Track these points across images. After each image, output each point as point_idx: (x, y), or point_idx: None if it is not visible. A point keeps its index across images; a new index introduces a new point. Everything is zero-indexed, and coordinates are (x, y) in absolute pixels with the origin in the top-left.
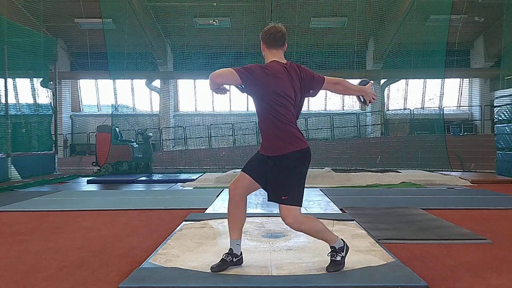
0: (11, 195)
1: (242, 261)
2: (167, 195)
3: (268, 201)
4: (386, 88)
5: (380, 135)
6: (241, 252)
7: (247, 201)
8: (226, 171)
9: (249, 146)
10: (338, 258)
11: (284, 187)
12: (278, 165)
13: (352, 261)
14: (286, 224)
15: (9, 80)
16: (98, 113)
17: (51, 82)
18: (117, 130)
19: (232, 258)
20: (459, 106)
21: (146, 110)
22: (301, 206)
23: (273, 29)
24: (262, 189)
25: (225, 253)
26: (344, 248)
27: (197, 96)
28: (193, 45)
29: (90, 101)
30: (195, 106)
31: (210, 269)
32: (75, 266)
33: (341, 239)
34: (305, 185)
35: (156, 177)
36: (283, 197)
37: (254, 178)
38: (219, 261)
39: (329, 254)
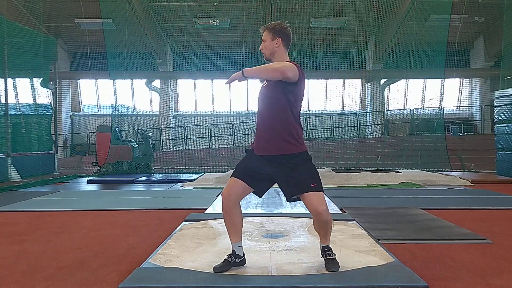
0: (11, 195)
1: (245, 262)
2: (167, 195)
3: (290, 198)
4: (386, 88)
5: (380, 135)
6: (243, 253)
7: (247, 201)
8: (226, 171)
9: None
10: (334, 257)
11: (311, 176)
12: (300, 160)
13: (352, 261)
14: (319, 212)
15: (9, 80)
16: (98, 113)
17: (51, 82)
18: (117, 130)
19: (235, 259)
20: (459, 106)
21: (146, 110)
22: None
23: (289, 29)
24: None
25: (228, 254)
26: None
27: (197, 96)
28: (193, 45)
29: (90, 101)
30: (195, 106)
31: (213, 269)
32: (75, 266)
33: None
34: None
35: (156, 177)
36: (312, 185)
37: (249, 184)
38: (222, 261)
39: (325, 254)
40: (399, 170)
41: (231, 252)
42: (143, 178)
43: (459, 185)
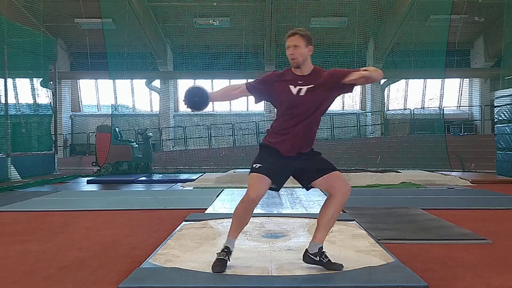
0: (11, 195)
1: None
2: (167, 195)
3: (311, 183)
4: (386, 88)
5: (380, 135)
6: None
7: None
8: (226, 171)
9: (249, 146)
10: (329, 258)
11: (327, 161)
12: (313, 153)
13: (352, 261)
14: (346, 190)
15: (9, 80)
16: (98, 113)
17: (51, 82)
18: (117, 130)
19: (228, 256)
20: (459, 106)
21: (146, 110)
22: None
23: None
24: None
25: (223, 252)
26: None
27: None
28: (193, 45)
29: (90, 101)
30: None
31: (212, 270)
32: (75, 266)
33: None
34: None
35: (156, 177)
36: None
37: (274, 181)
38: (218, 261)
39: (324, 256)
40: (399, 170)
41: (224, 250)
42: (143, 178)
43: (459, 185)
